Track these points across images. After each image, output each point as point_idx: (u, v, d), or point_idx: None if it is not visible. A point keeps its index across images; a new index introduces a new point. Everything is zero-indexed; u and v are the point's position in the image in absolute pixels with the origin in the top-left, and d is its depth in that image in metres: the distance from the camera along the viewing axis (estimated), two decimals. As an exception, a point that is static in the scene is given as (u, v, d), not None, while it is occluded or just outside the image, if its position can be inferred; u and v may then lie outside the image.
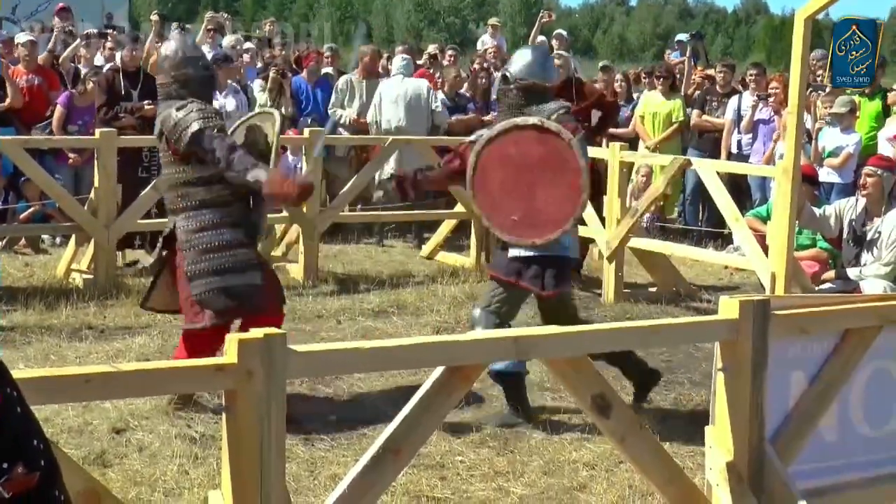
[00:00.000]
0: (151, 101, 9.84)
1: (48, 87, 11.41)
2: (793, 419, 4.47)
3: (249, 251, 6.03)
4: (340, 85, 12.25)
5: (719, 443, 4.30)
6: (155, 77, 6.22)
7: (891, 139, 10.75)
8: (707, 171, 8.98)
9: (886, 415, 4.84)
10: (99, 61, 12.56)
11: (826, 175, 10.74)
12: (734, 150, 12.07)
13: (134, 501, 4.82)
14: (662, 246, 9.69)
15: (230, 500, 3.45)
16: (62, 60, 12.01)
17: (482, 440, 5.80)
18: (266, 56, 13.83)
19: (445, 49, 14.88)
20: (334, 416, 6.10)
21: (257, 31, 17.25)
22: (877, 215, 8.32)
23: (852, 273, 8.31)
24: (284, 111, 12.15)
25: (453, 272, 9.86)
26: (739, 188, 11.40)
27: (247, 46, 14.12)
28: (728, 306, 4.25)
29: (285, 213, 9.88)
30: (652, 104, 12.65)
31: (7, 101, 10.84)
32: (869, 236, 8.31)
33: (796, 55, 6.92)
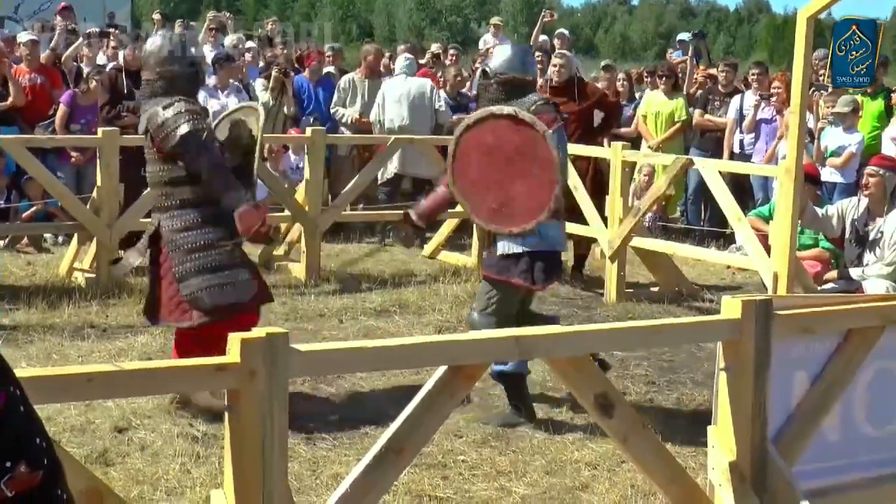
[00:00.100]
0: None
1: (51, 86, 11.42)
2: (795, 419, 4.46)
3: (234, 249, 6.03)
4: (342, 84, 12.25)
5: (722, 443, 4.29)
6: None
7: (895, 139, 10.75)
8: (709, 171, 8.97)
9: (889, 415, 4.83)
10: (101, 60, 12.56)
11: (828, 175, 10.74)
12: (736, 150, 12.06)
13: (136, 500, 4.82)
14: (665, 245, 9.69)
15: (232, 500, 3.45)
16: (64, 59, 12.02)
17: (484, 440, 5.80)
18: (268, 55, 13.84)
19: (448, 48, 14.87)
20: (336, 416, 6.10)
21: (259, 31, 17.24)
22: (879, 215, 8.32)
23: (855, 273, 8.31)
24: (287, 110, 12.17)
25: (455, 271, 9.86)
26: (742, 188, 11.39)
27: (248, 45, 14.13)
28: (731, 306, 4.25)
29: (287, 213, 9.88)
30: (654, 103, 12.64)
31: (9, 100, 10.85)
32: (871, 236, 8.31)
33: (799, 54, 6.92)
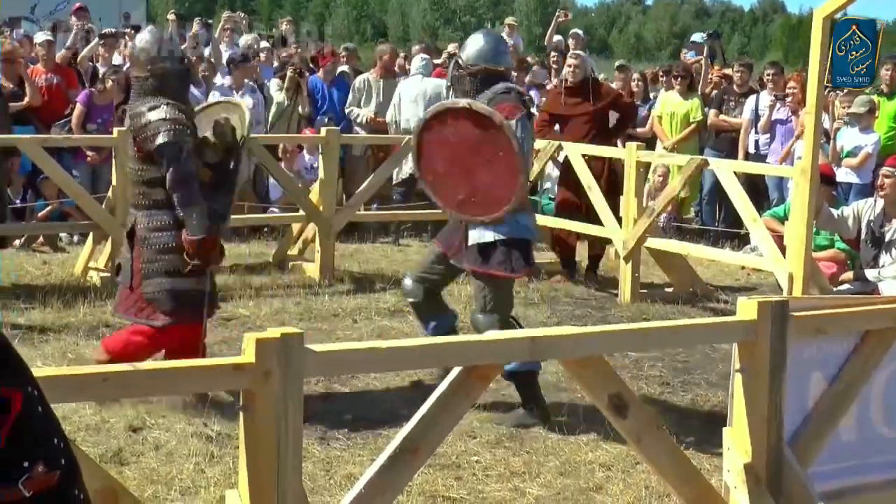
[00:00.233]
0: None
1: (67, 86, 11.46)
2: (811, 420, 4.45)
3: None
4: (357, 84, 12.26)
5: (737, 444, 4.28)
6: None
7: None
8: (724, 172, 8.95)
9: (905, 416, 4.82)
10: (117, 60, 12.60)
11: (844, 175, 10.69)
12: (751, 150, 12.03)
13: (151, 499, 4.83)
14: (679, 246, 9.67)
15: (247, 500, 3.45)
16: (80, 59, 12.06)
17: (498, 440, 5.80)
18: (282, 55, 13.85)
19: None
20: (350, 416, 6.10)
21: (273, 31, 17.28)
22: (895, 216, 8.28)
23: (870, 274, 8.28)
24: (302, 110, 12.19)
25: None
26: (757, 188, 11.35)
27: (263, 45, 14.15)
28: (746, 307, 4.23)
29: (302, 213, 9.89)
30: (669, 104, 12.61)
31: (26, 100, 10.89)
32: (887, 238, 8.28)
33: (814, 55, 6.89)
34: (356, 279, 9.58)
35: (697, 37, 15.29)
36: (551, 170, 11.31)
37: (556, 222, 10.02)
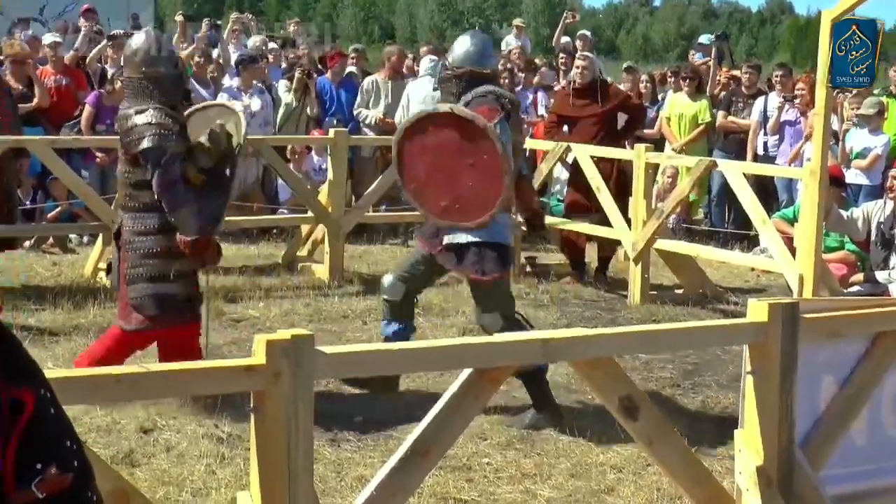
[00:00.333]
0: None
1: (75, 88, 11.48)
2: (823, 423, 4.44)
3: (184, 261, 6.01)
4: (366, 86, 12.26)
5: (748, 446, 4.27)
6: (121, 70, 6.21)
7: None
8: (733, 173, 8.93)
9: (917, 419, 4.80)
10: (126, 62, 12.59)
11: (854, 177, 10.67)
12: (760, 152, 12.00)
13: (162, 501, 4.83)
14: (689, 247, 9.65)
15: (259, 501, 3.45)
16: (89, 61, 12.07)
17: (509, 442, 5.79)
18: (290, 56, 13.86)
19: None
20: (361, 417, 6.10)
21: (281, 32, 17.29)
22: (905, 217, 8.27)
23: (881, 276, 8.27)
24: (310, 112, 12.19)
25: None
26: (766, 190, 11.34)
27: (271, 47, 14.16)
28: (757, 309, 4.22)
29: (310, 214, 9.89)
30: (678, 105, 12.59)
31: (35, 101, 10.91)
32: (898, 239, 8.26)
33: (823, 56, 6.88)
34: (365, 280, 9.57)
35: (705, 38, 15.25)
36: (560, 171, 11.30)
37: (566, 224, 10.01)
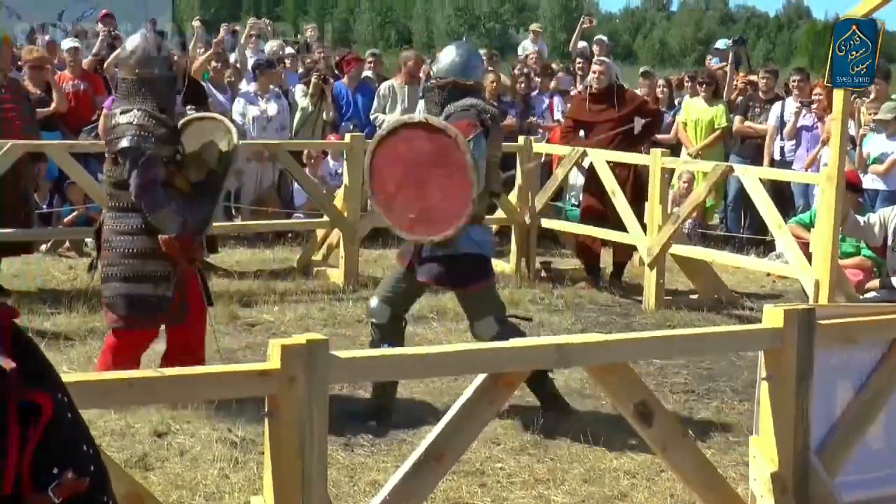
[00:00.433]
0: (194, 107, 9.90)
1: (93, 92, 11.54)
2: (838, 429, 4.42)
3: (166, 262, 6.01)
4: (382, 91, 12.28)
5: (763, 453, 4.26)
6: (119, 72, 6.22)
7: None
8: (750, 178, 8.91)
9: (934, 425, 4.77)
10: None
11: (870, 182, 10.62)
12: (777, 157, 11.98)
13: (176, 505, 4.85)
14: (704, 253, 9.63)
15: (272, 506, 3.46)
16: (106, 66, 12.12)
17: (522, 447, 5.78)
18: (307, 61, 13.90)
19: (494, 56, 14.75)
20: (374, 422, 6.10)
21: (297, 37, 17.33)
22: (923, 224, 8.23)
23: (897, 282, 8.23)
24: (326, 116, 12.22)
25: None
26: (782, 195, 11.31)
27: (288, 52, 14.20)
28: (772, 315, 4.21)
29: (326, 218, 9.91)
30: (694, 110, 12.58)
31: (53, 106, 10.96)
32: (914, 245, 8.22)
33: (842, 61, 6.86)
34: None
35: (722, 43, 15.24)
36: (576, 177, 11.29)
37: (581, 229, 10.01)
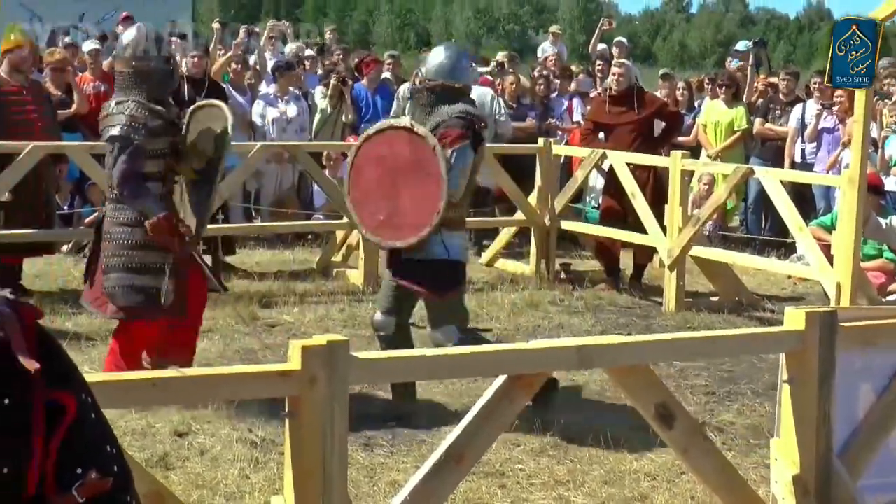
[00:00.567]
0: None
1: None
2: (861, 432, 4.40)
3: (166, 254, 6.03)
4: (402, 92, 12.27)
5: (785, 455, 4.24)
6: (123, 68, 6.25)
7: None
8: (771, 180, 8.88)
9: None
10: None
11: (892, 184, 10.58)
12: (798, 159, 11.94)
13: (196, 505, 4.86)
14: (724, 255, 9.60)
15: (293, 506, 3.46)
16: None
17: (542, 448, 5.77)
18: (327, 63, 13.92)
19: (514, 58, 14.75)
20: (394, 423, 6.11)
21: (317, 39, 17.36)
22: (945, 226, 8.19)
23: (919, 285, 8.19)
24: (345, 118, 12.24)
25: (513, 279, 9.84)
26: (803, 197, 11.27)
27: (308, 54, 14.22)
28: (794, 317, 4.20)
29: (346, 220, 9.91)
30: (715, 113, 12.54)
31: (73, 108, 11.02)
32: (937, 247, 8.18)
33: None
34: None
35: (742, 45, 15.20)
36: (595, 179, 11.27)
37: (601, 231, 9.99)
